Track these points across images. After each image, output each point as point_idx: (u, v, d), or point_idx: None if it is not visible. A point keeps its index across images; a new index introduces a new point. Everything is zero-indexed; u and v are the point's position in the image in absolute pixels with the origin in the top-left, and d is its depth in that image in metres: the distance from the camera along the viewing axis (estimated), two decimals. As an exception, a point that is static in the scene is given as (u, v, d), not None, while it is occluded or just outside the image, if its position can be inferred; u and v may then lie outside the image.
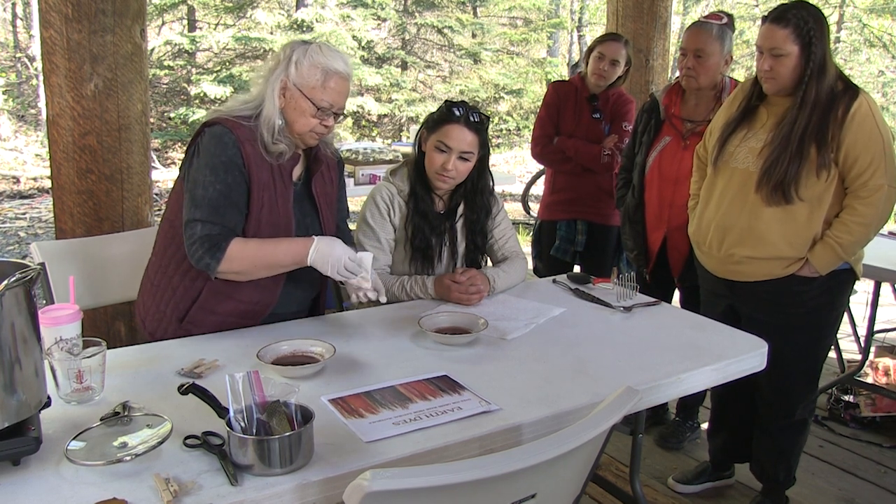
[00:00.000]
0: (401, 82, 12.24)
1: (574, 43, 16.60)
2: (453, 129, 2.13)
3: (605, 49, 3.22)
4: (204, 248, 1.77)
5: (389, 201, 2.23)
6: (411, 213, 2.21)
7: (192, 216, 1.79)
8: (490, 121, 2.21)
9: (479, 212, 2.29)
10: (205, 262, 1.78)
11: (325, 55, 1.85)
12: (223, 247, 1.78)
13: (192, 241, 1.79)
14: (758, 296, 2.25)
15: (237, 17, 12.84)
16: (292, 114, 1.86)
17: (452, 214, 2.28)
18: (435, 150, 2.15)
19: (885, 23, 14.35)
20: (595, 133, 3.27)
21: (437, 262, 2.26)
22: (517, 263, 2.34)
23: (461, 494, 1.03)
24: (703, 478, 2.65)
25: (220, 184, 1.79)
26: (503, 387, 1.56)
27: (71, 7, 2.50)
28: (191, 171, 1.84)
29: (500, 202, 2.39)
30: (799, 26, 2.05)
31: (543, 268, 3.47)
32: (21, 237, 6.95)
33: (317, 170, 2.01)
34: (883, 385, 3.22)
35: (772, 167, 2.10)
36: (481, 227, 2.30)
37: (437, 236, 2.24)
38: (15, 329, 1.16)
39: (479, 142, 2.17)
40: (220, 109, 1.90)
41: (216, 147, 1.80)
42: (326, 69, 1.84)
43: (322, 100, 1.84)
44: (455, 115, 2.14)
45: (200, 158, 1.82)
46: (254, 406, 1.26)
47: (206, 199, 1.79)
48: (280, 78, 1.84)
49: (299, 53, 1.84)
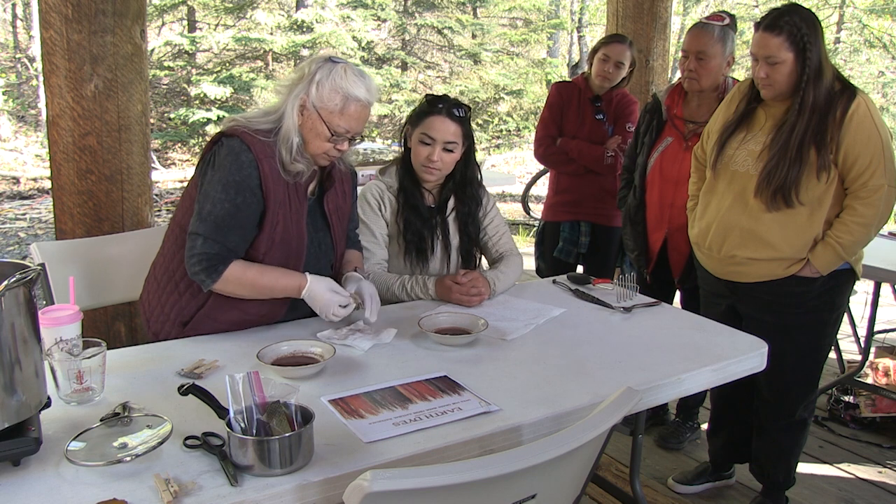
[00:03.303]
0: (401, 83, 12.25)
1: (574, 44, 16.62)
2: (436, 121, 2.16)
3: (610, 51, 3.22)
4: (201, 266, 1.77)
5: (380, 197, 2.26)
6: (401, 208, 2.24)
7: (195, 229, 1.79)
8: (472, 111, 2.22)
9: (470, 203, 2.31)
10: (199, 278, 1.79)
11: (349, 80, 1.81)
12: (220, 270, 1.78)
13: (191, 254, 1.79)
14: (758, 296, 2.25)
15: (237, 18, 12.86)
16: (308, 134, 1.84)
17: (443, 208, 2.30)
18: (420, 143, 2.18)
19: (885, 23, 14.36)
20: (598, 134, 3.26)
21: (431, 256, 2.27)
22: (513, 262, 2.34)
23: (461, 495, 1.03)
24: (703, 478, 2.65)
25: (229, 203, 1.78)
26: (503, 387, 1.56)
27: (71, 8, 2.50)
28: (204, 183, 1.81)
29: (491, 197, 2.41)
30: (792, 33, 2.04)
31: (546, 268, 3.47)
32: (21, 238, 6.95)
33: (330, 187, 2.01)
34: (883, 385, 3.22)
35: (771, 173, 2.10)
36: (473, 218, 2.33)
37: (429, 229, 2.26)
38: (15, 329, 1.16)
39: (462, 132, 2.19)
40: (239, 119, 1.86)
41: (231, 164, 1.78)
42: (347, 95, 1.80)
43: (339, 125, 1.82)
44: (437, 107, 2.17)
45: (215, 172, 1.79)
46: (254, 407, 1.26)
47: (211, 216, 1.77)
48: (300, 95, 1.81)
49: (323, 74, 1.80)
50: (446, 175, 2.26)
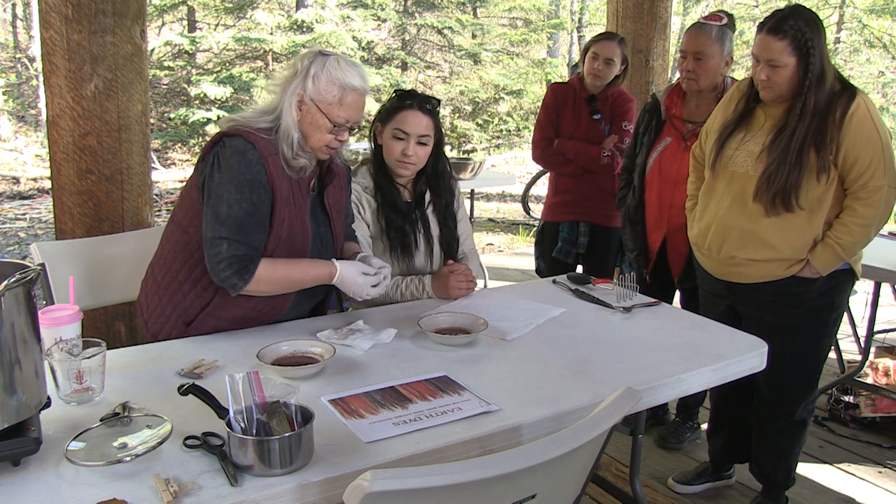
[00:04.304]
0: (401, 83, 12.24)
1: (574, 43, 16.63)
2: (408, 115, 2.17)
3: (599, 48, 3.21)
4: (232, 269, 1.76)
5: (357, 200, 2.27)
6: (380, 206, 2.26)
7: (216, 234, 1.77)
8: (441, 104, 2.25)
9: (446, 195, 2.35)
10: (231, 282, 1.78)
11: (343, 70, 1.83)
12: (252, 269, 1.78)
13: (217, 260, 1.77)
14: (758, 297, 2.25)
15: (237, 18, 12.85)
16: (308, 128, 1.85)
17: (421, 202, 2.33)
18: (393, 138, 2.19)
19: (885, 23, 14.35)
20: (595, 134, 3.25)
21: (416, 250, 2.29)
22: (473, 262, 2.41)
23: (461, 495, 1.03)
24: (703, 478, 2.65)
25: (246, 202, 1.77)
26: (503, 387, 1.56)
27: (71, 8, 2.50)
28: (212, 185, 1.80)
29: (460, 192, 2.44)
30: (796, 38, 2.03)
31: (546, 269, 3.47)
32: (21, 238, 6.95)
33: (330, 182, 2.02)
34: (883, 385, 3.22)
35: (771, 178, 2.09)
36: (450, 209, 2.36)
37: (410, 224, 2.28)
38: (15, 329, 1.16)
39: (433, 125, 2.22)
40: (237, 119, 1.86)
41: (240, 163, 1.77)
42: (344, 85, 1.82)
43: (339, 116, 1.84)
44: (407, 101, 2.19)
45: (223, 174, 1.78)
46: (254, 406, 1.26)
47: (231, 218, 1.77)
48: (297, 91, 1.82)
49: (317, 67, 1.82)
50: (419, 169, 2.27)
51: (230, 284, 1.78)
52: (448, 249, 2.34)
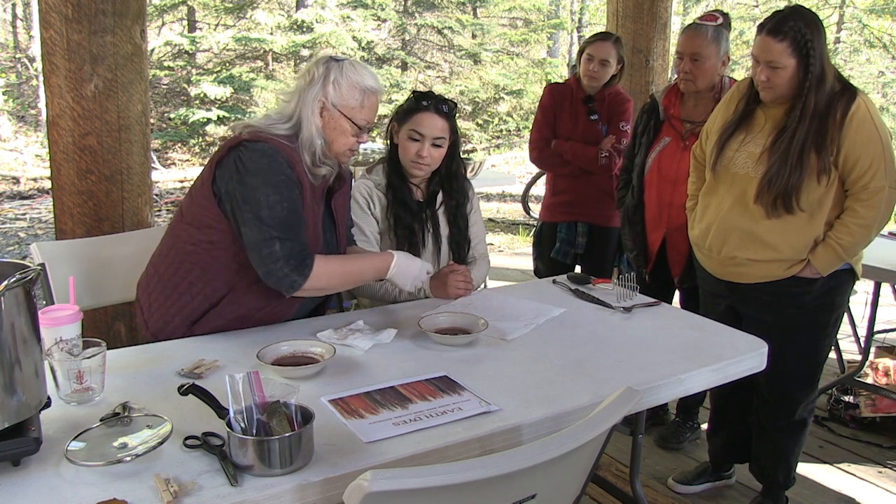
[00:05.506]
0: (401, 83, 12.24)
1: (574, 44, 16.63)
2: (424, 117, 2.19)
3: (594, 50, 3.20)
4: (290, 266, 1.75)
5: (368, 195, 2.28)
6: (391, 203, 2.27)
7: (266, 235, 1.74)
8: (458, 108, 2.27)
9: (457, 196, 2.36)
10: (290, 279, 1.76)
11: (360, 74, 1.85)
12: (309, 264, 1.77)
13: (273, 259, 1.75)
14: (758, 297, 2.25)
15: (237, 18, 12.85)
16: (332, 133, 1.86)
17: (432, 203, 2.34)
18: (408, 139, 2.21)
19: (885, 23, 14.35)
20: (593, 134, 3.24)
21: (423, 249, 2.30)
22: (482, 266, 2.44)
23: (461, 495, 1.03)
24: (703, 478, 2.65)
25: (287, 201, 1.77)
26: (503, 387, 1.56)
27: (71, 7, 2.50)
28: (244, 192, 1.76)
29: (475, 194, 2.45)
30: (796, 39, 2.02)
31: (544, 269, 3.46)
32: (21, 238, 6.95)
33: (340, 187, 2.02)
34: (883, 385, 3.22)
35: (772, 180, 2.09)
36: (461, 211, 2.37)
37: (419, 223, 2.29)
38: (15, 329, 1.16)
39: (449, 128, 2.23)
40: (256, 124, 1.84)
41: (271, 166, 1.76)
42: (364, 88, 1.84)
43: (361, 119, 1.86)
44: (424, 103, 2.20)
45: (255, 177, 1.75)
46: (254, 406, 1.26)
47: (275, 219, 1.75)
48: (318, 98, 1.82)
49: (336, 73, 1.82)
50: (433, 170, 2.28)
51: (289, 282, 1.76)
52: (457, 250, 2.35)
